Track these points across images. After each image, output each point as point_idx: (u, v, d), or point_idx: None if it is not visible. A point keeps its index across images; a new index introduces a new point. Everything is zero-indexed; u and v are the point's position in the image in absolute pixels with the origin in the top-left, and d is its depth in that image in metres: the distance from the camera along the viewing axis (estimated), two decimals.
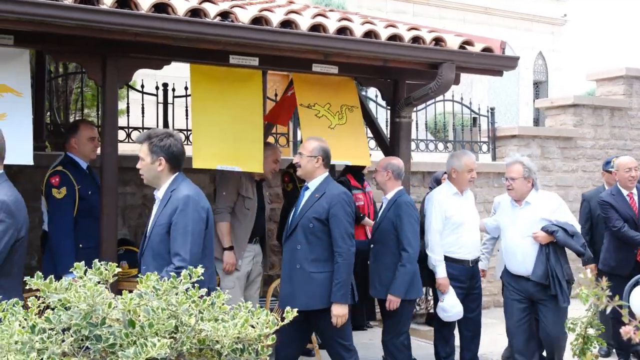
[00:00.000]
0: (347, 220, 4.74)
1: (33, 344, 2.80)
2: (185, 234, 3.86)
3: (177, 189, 3.99)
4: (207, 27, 4.52)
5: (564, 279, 5.23)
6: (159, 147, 4.01)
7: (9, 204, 3.59)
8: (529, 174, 5.34)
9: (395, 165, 5.48)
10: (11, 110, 4.44)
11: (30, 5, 4.00)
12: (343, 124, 5.70)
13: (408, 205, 5.35)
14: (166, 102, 8.01)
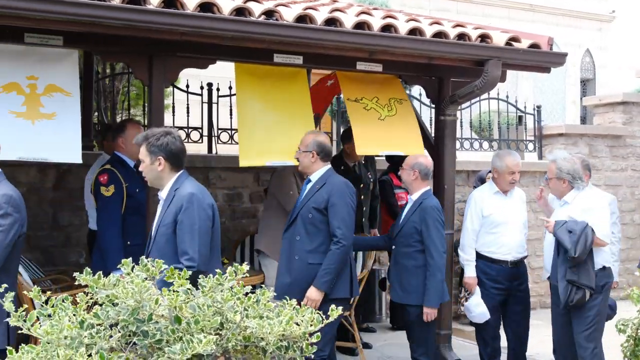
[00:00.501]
0: (346, 210, 4.69)
1: (82, 339, 2.84)
2: (193, 232, 3.83)
3: (181, 187, 3.96)
4: (252, 26, 4.54)
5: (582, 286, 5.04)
6: (157, 146, 3.96)
7: (16, 198, 3.70)
8: (561, 175, 5.21)
9: (423, 165, 5.28)
10: (61, 109, 4.51)
11: (79, 6, 4.06)
12: (393, 115, 5.65)
13: (434, 209, 5.17)
14: (210, 102, 8.08)
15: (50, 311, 2.96)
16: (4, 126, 4.33)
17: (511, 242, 5.63)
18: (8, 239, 3.61)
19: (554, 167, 5.27)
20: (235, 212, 7.70)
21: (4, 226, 3.64)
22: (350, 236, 4.69)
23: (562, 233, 5.04)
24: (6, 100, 4.39)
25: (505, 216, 5.64)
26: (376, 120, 5.54)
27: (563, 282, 5.07)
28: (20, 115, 4.37)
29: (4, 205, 3.65)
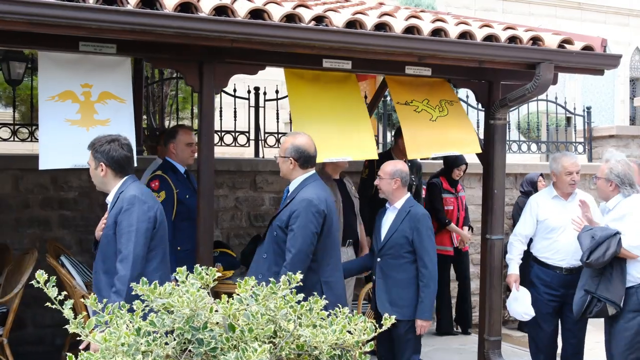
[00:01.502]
0: (302, 235, 4.24)
1: (138, 346, 2.87)
2: (129, 232, 3.85)
3: (125, 190, 4.00)
4: (302, 32, 4.54)
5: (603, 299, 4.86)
6: (100, 152, 4.02)
7: None
8: (611, 176, 5.02)
9: (404, 172, 5.00)
10: (115, 116, 4.59)
11: (133, 15, 4.11)
12: (445, 115, 5.59)
13: (426, 217, 4.95)
14: (257, 106, 8.13)
15: (107, 318, 3.00)
16: (61, 134, 4.42)
17: (567, 248, 5.42)
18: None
19: (606, 167, 5.09)
20: None
21: None
22: (299, 264, 4.18)
23: (584, 237, 4.87)
24: (62, 108, 4.48)
25: (562, 221, 5.46)
26: (427, 122, 5.49)
27: (580, 292, 4.89)
28: (75, 122, 4.46)
29: None
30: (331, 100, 5.25)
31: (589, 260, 4.74)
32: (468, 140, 5.63)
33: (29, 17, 3.90)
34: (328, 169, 5.83)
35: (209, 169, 4.87)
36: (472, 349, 6.72)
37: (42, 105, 4.48)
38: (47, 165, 4.33)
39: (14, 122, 7.17)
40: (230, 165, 7.38)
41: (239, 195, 7.47)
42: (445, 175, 7.45)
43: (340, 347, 3.10)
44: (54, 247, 6.36)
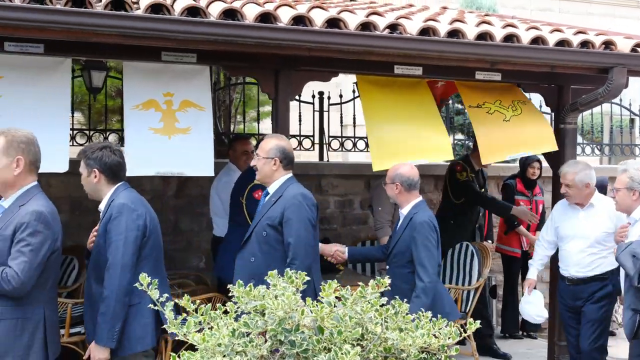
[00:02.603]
0: (303, 227, 4.10)
1: (234, 347, 3.00)
2: (118, 241, 3.81)
3: (116, 198, 3.96)
4: (377, 40, 4.64)
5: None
6: (92, 159, 3.99)
7: (46, 214, 3.58)
8: (633, 185, 4.64)
9: (405, 176, 4.74)
10: (195, 124, 4.74)
11: (217, 27, 4.27)
12: (518, 114, 5.60)
13: (423, 225, 4.63)
14: (322, 110, 8.24)
15: (201, 319, 3.13)
16: (144, 142, 4.60)
17: (572, 257, 5.26)
18: (39, 257, 3.50)
19: (625, 176, 4.68)
20: (346, 219, 7.82)
21: (33, 245, 3.49)
22: (307, 256, 4.09)
23: (624, 258, 4.40)
24: (145, 117, 4.65)
25: (571, 230, 5.27)
26: (501, 123, 5.51)
27: (628, 312, 4.48)
28: (158, 131, 4.62)
29: (34, 222, 3.51)
30: (404, 103, 5.32)
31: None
32: (544, 137, 5.60)
33: (122, 29, 4.09)
34: None
35: None
36: (539, 354, 6.72)
37: (127, 114, 4.66)
38: (133, 172, 4.49)
39: (89, 127, 7.42)
40: (295, 169, 7.48)
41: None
42: (521, 177, 7.42)
43: (427, 351, 3.18)
44: None
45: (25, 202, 3.60)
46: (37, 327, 3.59)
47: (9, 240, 3.52)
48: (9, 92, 4.42)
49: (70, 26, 4.04)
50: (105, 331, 3.76)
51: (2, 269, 3.49)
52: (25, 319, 3.56)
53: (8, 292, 3.46)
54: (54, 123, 4.46)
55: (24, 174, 3.66)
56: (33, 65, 4.52)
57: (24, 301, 3.55)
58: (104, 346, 3.78)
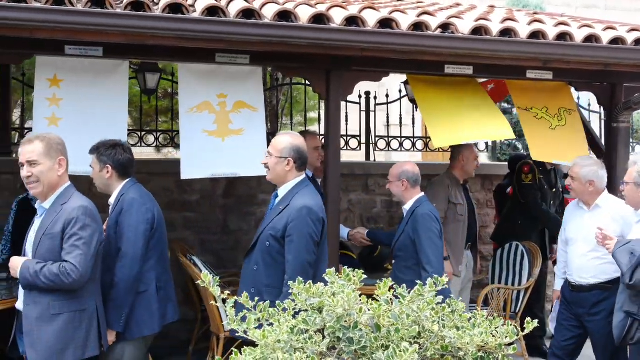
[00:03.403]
0: (304, 244, 3.91)
1: (293, 343, 3.04)
2: (129, 232, 4.05)
3: (126, 193, 4.18)
4: (429, 40, 4.65)
5: None
6: (106, 155, 4.21)
7: (91, 209, 3.76)
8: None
9: (410, 172, 4.83)
10: (248, 125, 4.81)
11: (271, 28, 4.33)
12: (563, 125, 5.59)
13: (425, 217, 4.66)
14: (368, 110, 8.25)
15: (259, 316, 3.18)
16: (199, 145, 4.68)
17: (575, 262, 4.96)
18: (92, 249, 3.69)
19: (634, 170, 4.46)
20: (393, 218, 7.82)
21: (85, 238, 3.66)
22: (303, 275, 3.70)
23: (621, 255, 4.19)
24: (199, 119, 4.75)
25: (576, 232, 4.99)
26: (547, 129, 5.51)
27: (619, 314, 4.22)
28: (212, 133, 4.71)
29: (82, 217, 3.68)
30: (457, 96, 5.35)
31: (632, 282, 4.09)
32: (579, 152, 5.51)
33: (179, 32, 4.18)
34: (456, 173, 5.89)
35: (335, 173, 5.05)
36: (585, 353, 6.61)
37: (183, 116, 4.76)
38: (188, 175, 4.57)
39: (140, 128, 7.56)
40: (343, 169, 7.51)
41: (352, 197, 7.63)
42: None
43: (484, 349, 3.18)
44: (180, 247, 6.69)
45: (67, 201, 3.77)
46: (92, 317, 3.78)
47: (58, 238, 3.68)
48: (70, 95, 4.54)
49: (129, 29, 4.15)
50: (114, 316, 4.00)
51: (59, 264, 3.64)
52: (83, 310, 3.74)
53: (68, 285, 3.62)
54: (112, 124, 4.58)
55: (64, 174, 3.84)
56: (92, 68, 4.64)
57: (79, 294, 3.72)
58: (112, 330, 4.02)
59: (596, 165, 4.94)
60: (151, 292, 4.15)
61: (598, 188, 4.90)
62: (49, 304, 3.65)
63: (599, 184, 4.90)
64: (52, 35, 4.16)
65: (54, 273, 3.60)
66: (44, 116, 4.49)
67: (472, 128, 5.17)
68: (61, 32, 4.12)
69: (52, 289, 3.64)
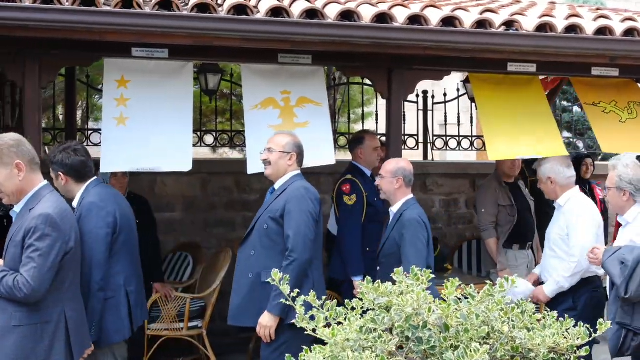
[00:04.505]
0: (303, 219, 3.99)
1: (362, 342, 3.05)
2: (88, 238, 3.86)
3: (86, 197, 4.01)
4: (494, 38, 4.61)
5: None
6: (55, 163, 4.03)
7: (54, 216, 3.46)
8: (621, 184, 4.17)
9: (407, 170, 4.57)
10: (312, 118, 4.85)
11: (334, 28, 4.34)
12: (634, 118, 5.47)
13: (412, 222, 4.40)
14: (426, 109, 8.21)
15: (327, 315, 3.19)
16: (264, 139, 4.72)
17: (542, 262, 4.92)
18: (49, 262, 3.41)
19: (614, 175, 4.23)
20: (451, 218, 7.78)
21: (42, 249, 3.40)
22: (305, 249, 3.98)
23: (611, 265, 3.92)
24: (264, 115, 4.80)
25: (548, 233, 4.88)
26: (617, 123, 5.40)
27: (613, 326, 3.92)
28: (277, 127, 4.75)
29: (41, 226, 3.41)
30: (516, 100, 5.27)
31: (627, 295, 3.81)
32: None
33: (244, 33, 4.23)
34: (501, 172, 5.83)
35: None
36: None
37: (247, 114, 4.82)
38: (255, 169, 4.61)
39: (200, 128, 7.67)
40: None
41: None
42: None
43: (554, 351, 3.14)
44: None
45: (35, 205, 3.51)
46: (57, 328, 3.52)
47: (20, 247, 3.44)
48: (137, 96, 4.64)
49: (195, 31, 4.21)
50: None
51: (14, 277, 3.41)
52: (46, 322, 3.48)
53: (21, 299, 3.39)
54: (178, 124, 4.65)
55: (28, 176, 3.54)
56: (158, 70, 4.72)
57: (42, 305, 3.47)
58: None
59: (556, 163, 4.79)
60: (119, 298, 3.99)
61: (557, 185, 4.76)
62: (11, 314, 3.41)
63: (558, 181, 4.75)
64: (120, 38, 4.24)
65: (9, 286, 3.38)
66: (112, 116, 4.59)
67: (529, 143, 5.10)
68: (129, 34, 4.21)
69: (12, 299, 3.42)
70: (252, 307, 4.06)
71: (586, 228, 4.56)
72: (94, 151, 7.66)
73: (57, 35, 4.14)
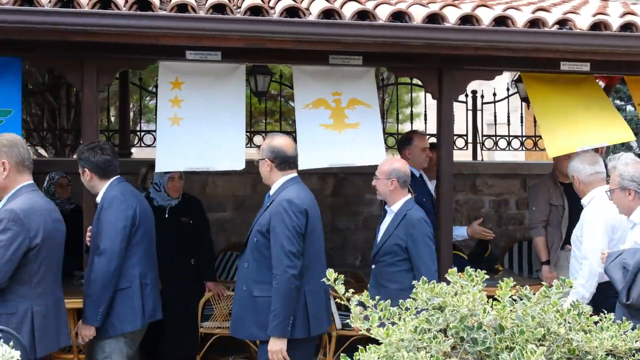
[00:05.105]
0: (286, 235, 3.93)
1: (416, 342, 3.05)
2: (108, 229, 4.04)
3: (108, 190, 4.18)
4: (548, 37, 4.56)
5: None
6: (82, 159, 4.22)
7: (18, 212, 3.59)
8: (624, 183, 4.02)
9: (402, 171, 4.52)
10: (363, 119, 4.89)
11: (385, 29, 4.36)
12: None
13: (422, 222, 4.42)
14: (475, 109, 8.16)
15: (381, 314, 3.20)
16: (316, 138, 4.79)
17: None
18: (8, 254, 3.54)
19: (615, 175, 4.08)
20: (501, 219, 7.71)
21: (3, 241, 3.54)
22: (290, 266, 3.92)
23: (614, 270, 3.79)
24: (315, 115, 4.86)
25: None
26: None
27: None
28: (328, 127, 4.81)
29: (5, 220, 3.57)
30: (573, 96, 5.19)
31: (629, 302, 3.68)
32: None
33: (296, 35, 4.29)
34: (559, 172, 5.76)
35: (448, 173, 5.02)
36: None
37: (299, 112, 4.88)
38: (306, 165, 4.66)
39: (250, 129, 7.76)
40: None
41: (459, 197, 7.56)
42: None
43: (612, 354, 3.10)
44: None
45: (9, 202, 3.68)
46: (22, 322, 3.61)
47: None
48: (190, 96, 4.73)
49: (249, 34, 4.28)
50: (91, 311, 4.01)
51: None
52: (9, 314, 3.60)
53: None
54: (231, 124, 4.73)
55: (13, 175, 3.72)
56: (211, 71, 4.80)
57: (7, 297, 3.60)
58: (89, 324, 4.03)
59: (579, 160, 4.75)
60: (134, 289, 4.13)
61: (581, 184, 4.74)
62: None
63: (581, 179, 4.73)
64: (175, 41, 4.34)
65: None
66: (166, 116, 4.70)
67: (589, 131, 5.01)
68: (184, 38, 4.30)
69: None
70: (247, 319, 4.08)
71: (597, 230, 4.45)
72: (147, 152, 7.84)
73: (114, 40, 4.25)
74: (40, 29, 4.09)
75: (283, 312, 3.90)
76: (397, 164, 4.59)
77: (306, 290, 4.05)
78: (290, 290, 3.92)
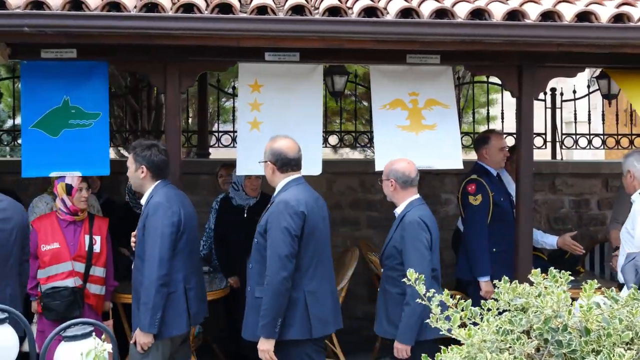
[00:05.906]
0: (280, 237, 3.92)
1: (499, 344, 3.02)
2: (155, 235, 4.11)
3: (154, 196, 4.25)
4: (634, 32, 4.42)
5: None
6: (141, 156, 4.29)
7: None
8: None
9: (400, 171, 4.38)
10: (440, 120, 4.88)
11: (464, 27, 4.33)
12: None
13: (413, 224, 4.23)
14: (554, 107, 7.98)
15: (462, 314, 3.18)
16: (392, 139, 4.79)
17: None
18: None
19: (626, 162, 4.26)
20: (582, 219, 7.53)
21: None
22: (280, 268, 3.90)
23: (628, 271, 3.70)
24: (392, 115, 4.87)
25: None
26: None
27: None
28: (405, 128, 4.81)
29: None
30: None
31: None
32: None
33: (375, 35, 4.30)
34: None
35: (528, 172, 4.95)
36: None
37: (376, 113, 4.91)
38: (381, 167, 4.67)
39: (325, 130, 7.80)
40: None
41: (538, 197, 7.40)
42: None
43: None
44: (365, 245, 6.83)
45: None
46: None
47: None
48: (269, 100, 4.81)
49: (328, 34, 4.31)
50: (148, 318, 4.06)
51: None
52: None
53: None
54: (309, 129, 4.80)
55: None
56: (289, 73, 4.87)
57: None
58: (147, 332, 4.08)
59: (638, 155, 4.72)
60: (179, 293, 4.21)
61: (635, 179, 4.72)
62: None
63: (635, 174, 4.70)
64: (255, 43, 4.41)
65: None
66: (246, 120, 4.79)
67: None
68: (264, 39, 4.37)
69: None
70: (251, 321, 4.09)
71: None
72: (224, 152, 7.99)
73: (196, 42, 4.35)
74: (126, 34, 4.23)
75: (271, 313, 3.90)
76: (398, 164, 4.44)
77: (306, 291, 4.03)
78: (279, 292, 3.91)
